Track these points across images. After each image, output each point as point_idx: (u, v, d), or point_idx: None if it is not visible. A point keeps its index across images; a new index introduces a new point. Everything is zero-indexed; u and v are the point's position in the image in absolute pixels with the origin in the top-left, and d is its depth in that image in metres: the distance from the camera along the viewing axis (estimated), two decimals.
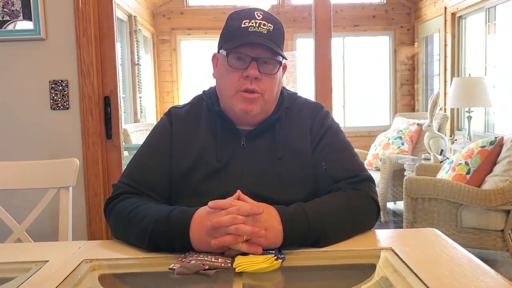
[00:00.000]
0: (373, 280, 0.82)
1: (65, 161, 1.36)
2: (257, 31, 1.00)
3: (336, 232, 0.93)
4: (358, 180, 1.02)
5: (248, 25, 1.00)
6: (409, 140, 4.23)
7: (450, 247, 0.90)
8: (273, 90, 1.05)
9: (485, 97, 3.63)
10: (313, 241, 0.91)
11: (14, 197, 1.57)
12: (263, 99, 1.03)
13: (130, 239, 0.96)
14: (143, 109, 5.16)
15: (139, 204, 0.97)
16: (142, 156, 1.10)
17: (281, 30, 1.05)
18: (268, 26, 1.01)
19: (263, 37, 1.00)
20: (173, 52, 6.04)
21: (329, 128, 1.09)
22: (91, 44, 1.84)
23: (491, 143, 2.63)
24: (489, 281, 0.74)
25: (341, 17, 5.98)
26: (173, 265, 0.81)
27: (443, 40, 5.14)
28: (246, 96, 1.01)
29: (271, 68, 1.02)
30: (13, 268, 0.92)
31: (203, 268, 0.79)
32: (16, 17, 1.82)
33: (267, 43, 1.00)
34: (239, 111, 1.03)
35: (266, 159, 1.05)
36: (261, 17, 1.02)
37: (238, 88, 1.02)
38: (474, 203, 2.45)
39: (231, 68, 1.02)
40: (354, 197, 0.99)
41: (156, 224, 0.90)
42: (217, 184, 1.02)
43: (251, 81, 1.00)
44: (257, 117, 1.06)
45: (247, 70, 1.00)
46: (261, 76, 1.01)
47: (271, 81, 1.03)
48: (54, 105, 1.86)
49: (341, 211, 0.96)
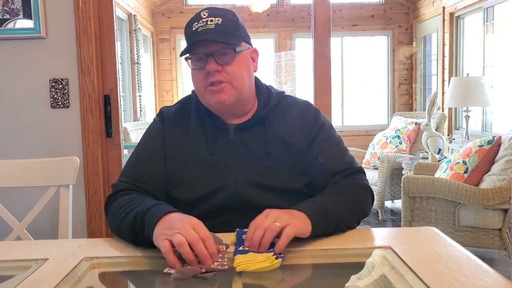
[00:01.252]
0: (372, 279, 0.83)
1: (65, 160, 1.36)
2: (205, 29, 1.04)
3: (345, 220, 0.99)
4: (352, 172, 1.10)
5: (197, 26, 1.05)
6: (407, 139, 4.24)
7: (449, 245, 0.90)
8: (241, 76, 1.07)
9: (483, 96, 3.64)
10: (330, 232, 0.96)
11: (14, 195, 1.57)
12: (232, 86, 1.06)
13: (122, 233, 0.98)
14: (143, 108, 5.16)
15: (131, 200, 1.00)
16: (138, 155, 1.14)
17: (232, 19, 1.08)
18: (216, 20, 1.05)
19: (210, 33, 1.04)
20: (173, 51, 6.04)
21: (323, 125, 1.14)
22: (91, 42, 1.84)
23: (489, 142, 2.64)
24: (488, 280, 0.74)
25: (340, 17, 5.98)
26: (167, 269, 0.80)
27: (441, 39, 5.14)
28: (213, 89, 1.05)
29: (229, 57, 1.05)
30: (13, 266, 0.92)
31: (200, 271, 0.79)
32: (16, 16, 1.82)
33: (213, 37, 1.03)
34: (213, 104, 1.07)
35: (256, 152, 1.08)
36: (207, 14, 1.06)
37: (205, 84, 1.06)
38: (472, 202, 2.46)
39: (195, 70, 1.07)
40: (354, 187, 1.07)
41: (134, 219, 0.93)
42: (213, 176, 1.06)
43: (214, 74, 1.04)
44: (235, 106, 1.09)
45: (206, 67, 1.04)
46: (222, 67, 1.05)
47: (234, 69, 1.06)
48: (54, 103, 1.86)
49: (347, 200, 1.03)
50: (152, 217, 0.90)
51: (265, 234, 0.85)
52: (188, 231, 0.82)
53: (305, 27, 5.96)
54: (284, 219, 0.87)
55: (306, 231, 0.90)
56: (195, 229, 0.83)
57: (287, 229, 0.86)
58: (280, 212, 0.90)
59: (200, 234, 0.82)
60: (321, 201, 0.99)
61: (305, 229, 0.90)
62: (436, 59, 5.40)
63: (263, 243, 0.84)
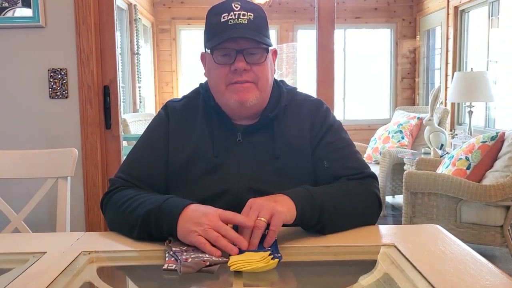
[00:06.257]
0: (375, 277, 0.82)
1: (64, 151, 1.35)
2: (237, 23, 0.99)
3: (338, 213, 0.94)
4: (361, 177, 1.03)
5: (228, 18, 0.99)
6: (409, 134, 4.22)
7: (453, 244, 0.89)
8: (266, 78, 1.04)
9: (487, 92, 3.61)
10: (318, 217, 0.92)
11: (12, 186, 1.56)
12: (257, 88, 1.02)
13: (123, 228, 0.96)
14: (142, 99, 5.13)
15: (134, 194, 0.98)
16: (139, 150, 1.10)
17: (262, 16, 1.04)
18: (248, 15, 1.00)
19: (244, 29, 0.99)
20: (173, 41, 6.00)
21: (331, 126, 1.08)
22: (91, 32, 1.82)
23: (492, 138, 2.62)
24: (494, 280, 0.73)
25: (343, 9, 5.93)
26: (167, 265, 0.80)
27: (445, 33, 5.10)
28: (238, 87, 1.00)
29: (259, 57, 1.01)
30: (11, 259, 0.91)
31: (204, 265, 0.78)
32: (15, 4, 1.79)
33: (248, 34, 0.99)
34: (234, 103, 1.02)
35: (264, 156, 1.04)
36: (239, 7, 1.00)
37: (228, 82, 1.01)
38: (474, 198, 2.44)
39: (219, 65, 1.02)
40: (358, 186, 1.01)
41: (148, 212, 0.91)
42: (215, 180, 1.02)
43: (241, 73, 1.00)
44: (254, 108, 1.04)
45: (234, 64, 0.99)
46: (250, 67, 1.00)
47: (261, 69, 1.02)
48: (53, 94, 1.84)
49: (344, 193, 0.98)
50: (172, 212, 0.88)
51: (253, 233, 0.84)
52: (217, 224, 0.84)
53: (307, 19, 5.91)
54: (267, 209, 0.85)
55: (292, 216, 0.88)
56: (222, 219, 0.85)
57: (273, 222, 0.84)
58: (264, 200, 0.88)
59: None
60: (308, 188, 0.96)
61: (290, 215, 0.88)
62: (440, 53, 5.36)
63: (252, 243, 0.83)
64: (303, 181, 1.01)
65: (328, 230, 0.94)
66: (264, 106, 1.07)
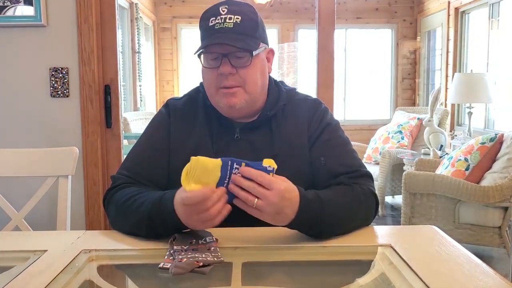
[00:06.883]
0: (371, 277, 0.82)
1: (65, 150, 1.35)
2: (223, 27, 1.00)
3: (339, 226, 0.95)
4: (357, 175, 1.03)
5: (214, 22, 1.01)
6: (409, 135, 4.22)
7: (449, 245, 0.90)
8: (255, 80, 1.04)
9: (486, 93, 3.62)
10: (317, 233, 0.92)
11: (13, 184, 1.56)
12: (245, 91, 1.03)
13: (128, 227, 0.96)
14: (143, 98, 5.14)
15: (137, 192, 0.98)
16: (140, 148, 1.11)
17: (252, 17, 1.03)
18: (234, 18, 1.00)
19: (228, 33, 1.00)
20: (174, 40, 6.00)
21: (328, 124, 1.09)
22: (92, 31, 1.82)
23: (491, 139, 2.62)
24: (488, 280, 0.74)
25: (344, 9, 5.93)
26: (162, 264, 0.81)
27: (446, 34, 5.10)
28: (226, 92, 1.02)
29: (245, 60, 1.02)
30: (12, 257, 0.92)
31: (197, 265, 0.79)
32: (16, 2, 1.80)
33: (229, 39, 0.99)
34: (224, 106, 1.04)
35: (262, 153, 1.04)
36: (226, 11, 1.01)
37: (218, 85, 1.03)
38: (472, 199, 2.45)
39: (207, 68, 1.04)
40: (358, 191, 1.00)
41: (152, 208, 0.92)
42: None
43: (227, 77, 1.01)
44: (243, 110, 1.05)
45: (219, 68, 1.01)
46: (237, 70, 1.01)
47: (248, 72, 1.02)
48: (54, 92, 1.85)
49: (348, 206, 0.97)
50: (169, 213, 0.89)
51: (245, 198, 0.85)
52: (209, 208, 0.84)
53: (308, 19, 5.91)
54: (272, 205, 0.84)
55: (278, 223, 0.88)
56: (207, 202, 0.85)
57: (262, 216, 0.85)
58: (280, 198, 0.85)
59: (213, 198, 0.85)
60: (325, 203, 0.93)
61: (280, 223, 0.88)
62: (440, 54, 5.36)
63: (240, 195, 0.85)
64: (300, 179, 1.01)
65: (324, 238, 0.93)
66: (257, 107, 1.08)
